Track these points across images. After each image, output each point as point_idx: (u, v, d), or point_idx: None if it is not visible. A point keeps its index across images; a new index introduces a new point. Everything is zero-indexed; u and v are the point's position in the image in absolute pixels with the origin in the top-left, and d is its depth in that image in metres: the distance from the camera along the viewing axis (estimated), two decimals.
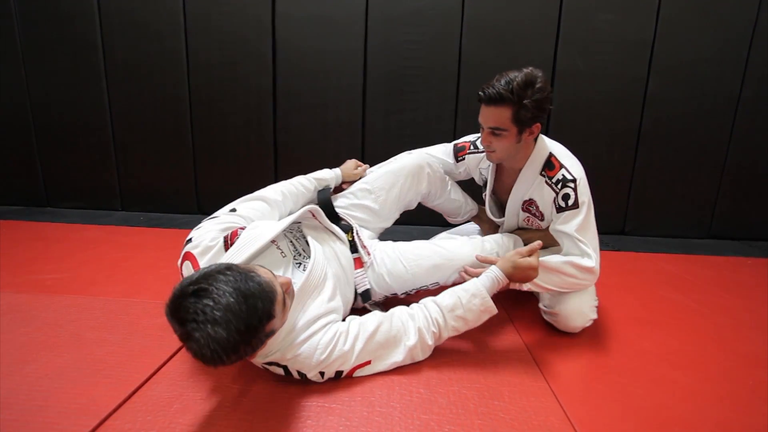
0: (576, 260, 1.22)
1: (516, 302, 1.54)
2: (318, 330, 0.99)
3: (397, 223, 1.57)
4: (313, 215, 1.25)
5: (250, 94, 2.58)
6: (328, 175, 1.49)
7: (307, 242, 1.20)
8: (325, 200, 1.42)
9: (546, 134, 2.40)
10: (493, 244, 1.43)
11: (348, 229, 1.35)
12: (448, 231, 1.81)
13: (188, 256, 1.05)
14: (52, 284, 1.57)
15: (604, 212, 2.73)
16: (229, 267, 0.80)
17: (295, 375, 0.98)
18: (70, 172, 2.77)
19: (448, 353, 1.19)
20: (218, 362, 0.74)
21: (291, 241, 1.19)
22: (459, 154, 1.54)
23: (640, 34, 2.42)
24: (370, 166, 1.59)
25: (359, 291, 1.31)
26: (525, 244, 1.50)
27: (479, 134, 1.39)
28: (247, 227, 1.12)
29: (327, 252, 1.20)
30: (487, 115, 1.21)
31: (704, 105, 2.48)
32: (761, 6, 2.35)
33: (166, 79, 2.59)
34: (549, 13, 2.41)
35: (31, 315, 1.32)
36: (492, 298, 1.13)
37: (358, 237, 1.34)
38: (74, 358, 1.10)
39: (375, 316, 1.09)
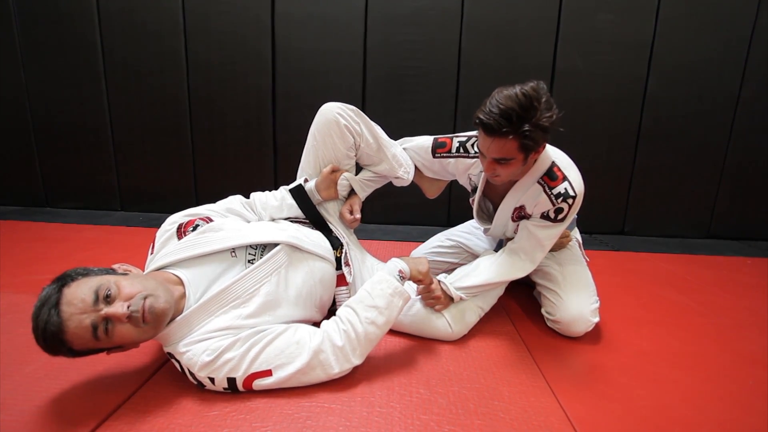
0: (500, 278, 1.29)
1: (516, 303, 1.54)
2: (217, 336, 0.94)
3: (397, 223, 1.56)
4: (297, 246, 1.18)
5: (250, 94, 2.58)
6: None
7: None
8: (306, 204, 1.35)
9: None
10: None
11: (338, 245, 1.31)
12: (443, 234, 1.78)
13: (154, 236, 1.09)
14: None
15: (604, 212, 2.75)
16: (60, 288, 0.83)
17: (188, 375, 0.94)
18: (69, 173, 2.77)
19: (448, 353, 1.19)
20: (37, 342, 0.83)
21: (255, 251, 1.12)
22: (438, 150, 1.37)
23: (640, 34, 2.42)
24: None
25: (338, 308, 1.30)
26: None
27: (470, 134, 1.34)
28: (215, 221, 1.12)
29: (304, 268, 1.15)
30: (492, 148, 1.09)
31: (704, 105, 2.49)
32: (761, 6, 2.36)
33: (166, 79, 2.59)
34: (549, 13, 2.41)
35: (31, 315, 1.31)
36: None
37: (345, 255, 1.31)
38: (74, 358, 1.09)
39: (281, 326, 1.04)
